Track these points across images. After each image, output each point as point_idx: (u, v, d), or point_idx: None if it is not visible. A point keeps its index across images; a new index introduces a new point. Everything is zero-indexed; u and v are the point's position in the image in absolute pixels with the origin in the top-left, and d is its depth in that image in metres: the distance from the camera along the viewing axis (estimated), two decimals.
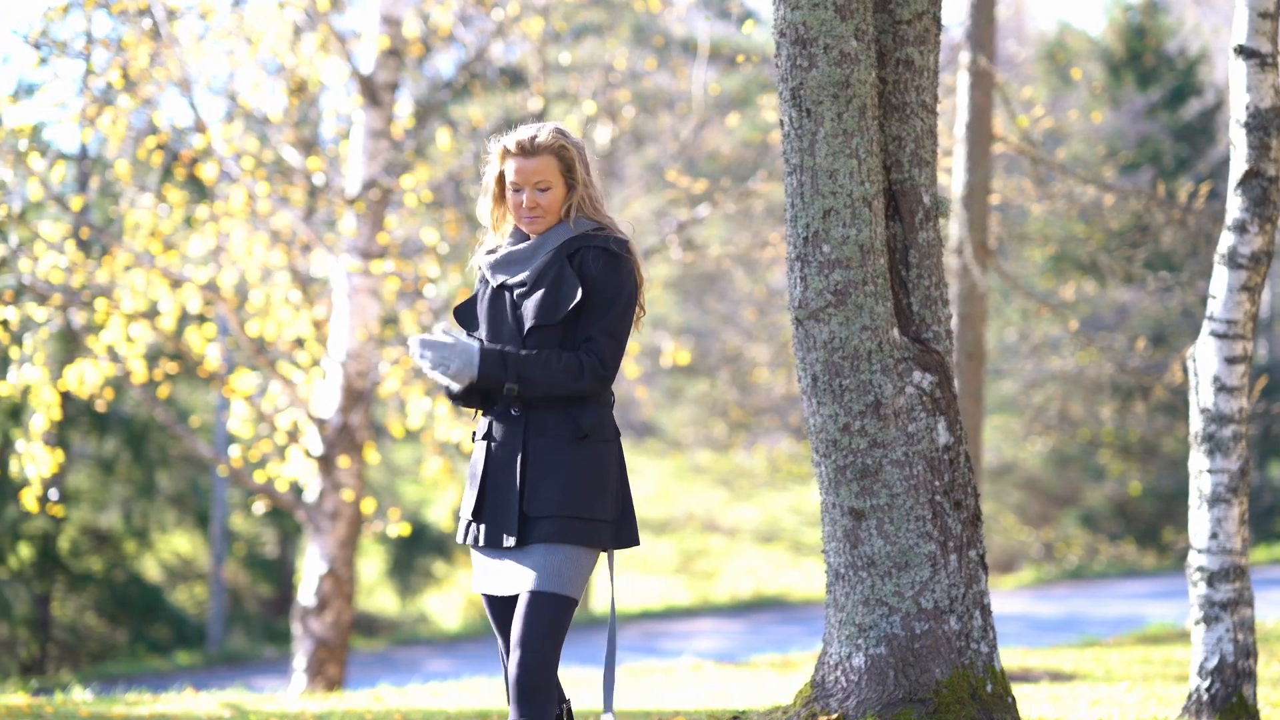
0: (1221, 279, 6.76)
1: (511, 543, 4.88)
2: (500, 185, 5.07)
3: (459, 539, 5.04)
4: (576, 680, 11.20)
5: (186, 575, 27.49)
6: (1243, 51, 6.68)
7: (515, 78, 23.02)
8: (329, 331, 13.76)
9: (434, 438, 14.19)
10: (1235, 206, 6.72)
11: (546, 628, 4.81)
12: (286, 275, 13.83)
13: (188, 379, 22.47)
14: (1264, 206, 6.69)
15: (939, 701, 5.92)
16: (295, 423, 13.79)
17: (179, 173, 14.27)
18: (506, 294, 5.01)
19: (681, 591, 31.58)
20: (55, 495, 16.21)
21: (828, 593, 6.14)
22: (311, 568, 13.72)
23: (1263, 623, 14.15)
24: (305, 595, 13.68)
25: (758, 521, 34.52)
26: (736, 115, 19.97)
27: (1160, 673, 10.65)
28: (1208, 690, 6.79)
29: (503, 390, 4.90)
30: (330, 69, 13.69)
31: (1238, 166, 6.70)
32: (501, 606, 4.98)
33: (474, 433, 5.05)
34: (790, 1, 5.97)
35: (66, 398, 15.87)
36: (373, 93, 13.53)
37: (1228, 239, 6.74)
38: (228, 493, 25.07)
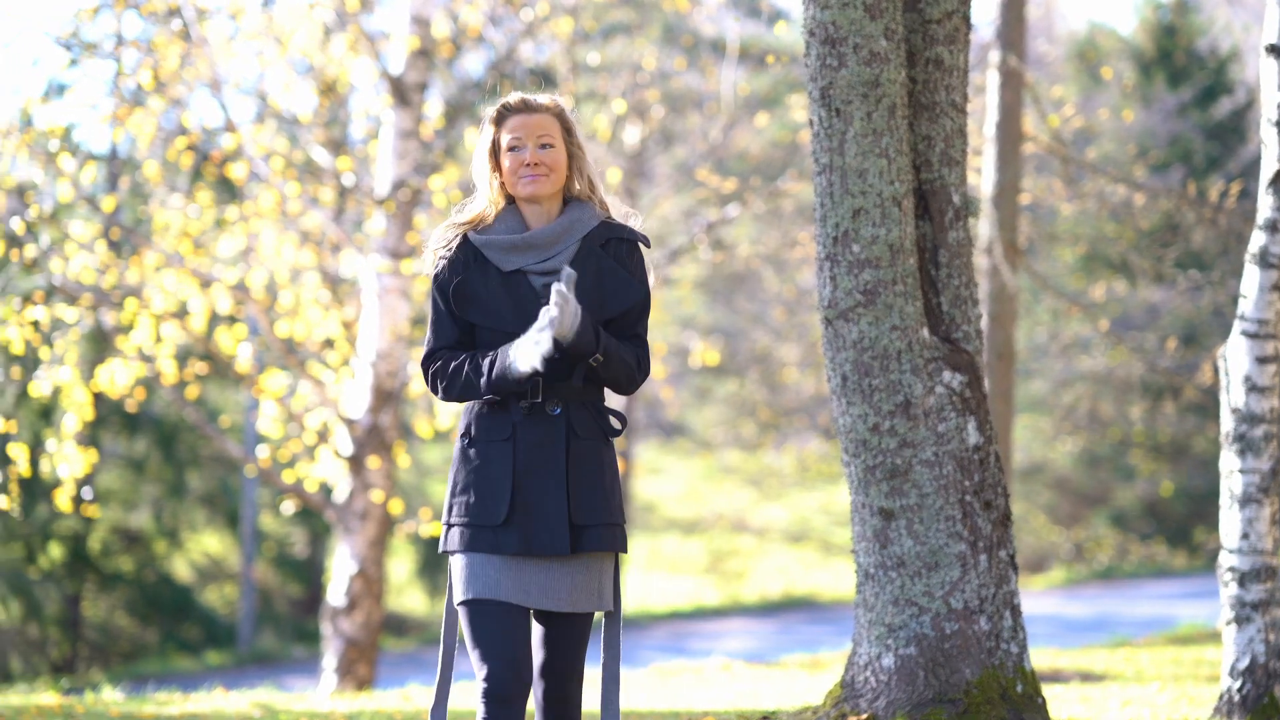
0: (1253, 278, 6.73)
1: (564, 552, 4.57)
2: (495, 156, 4.75)
3: (458, 546, 4.64)
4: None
5: (216, 575, 27.56)
6: (1274, 50, 6.65)
7: (545, 78, 23.02)
8: (358, 332, 13.78)
9: None
10: (1266, 206, 6.69)
11: (586, 642, 4.70)
12: (316, 275, 13.85)
13: (218, 379, 22.51)
14: None
15: (969, 702, 5.91)
16: (325, 423, 13.81)
17: (209, 173, 14.30)
18: (525, 279, 4.68)
19: (711, 591, 31.55)
20: (89, 495, 16.25)
21: (857, 593, 6.13)
22: (341, 568, 13.74)
23: None
24: (335, 595, 13.70)
25: (787, 521, 34.48)
26: (766, 115, 19.98)
27: (1191, 673, 10.62)
28: (1239, 691, 6.76)
29: (587, 359, 4.59)
30: (360, 69, 13.71)
31: (1269, 165, 6.67)
32: (516, 615, 4.60)
33: (466, 436, 4.68)
34: (820, 1, 5.97)
35: (98, 398, 15.90)
36: (402, 93, 13.54)
37: (1259, 238, 6.71)
38: (257, 493, 25.12)
